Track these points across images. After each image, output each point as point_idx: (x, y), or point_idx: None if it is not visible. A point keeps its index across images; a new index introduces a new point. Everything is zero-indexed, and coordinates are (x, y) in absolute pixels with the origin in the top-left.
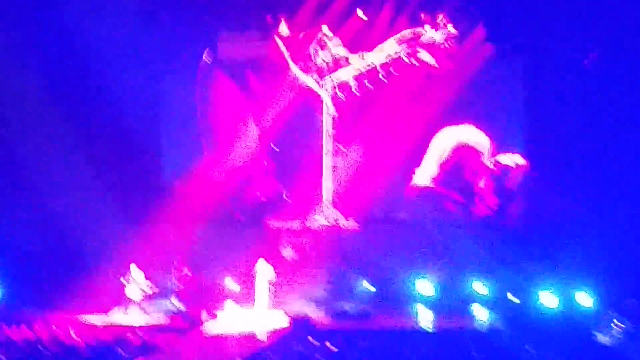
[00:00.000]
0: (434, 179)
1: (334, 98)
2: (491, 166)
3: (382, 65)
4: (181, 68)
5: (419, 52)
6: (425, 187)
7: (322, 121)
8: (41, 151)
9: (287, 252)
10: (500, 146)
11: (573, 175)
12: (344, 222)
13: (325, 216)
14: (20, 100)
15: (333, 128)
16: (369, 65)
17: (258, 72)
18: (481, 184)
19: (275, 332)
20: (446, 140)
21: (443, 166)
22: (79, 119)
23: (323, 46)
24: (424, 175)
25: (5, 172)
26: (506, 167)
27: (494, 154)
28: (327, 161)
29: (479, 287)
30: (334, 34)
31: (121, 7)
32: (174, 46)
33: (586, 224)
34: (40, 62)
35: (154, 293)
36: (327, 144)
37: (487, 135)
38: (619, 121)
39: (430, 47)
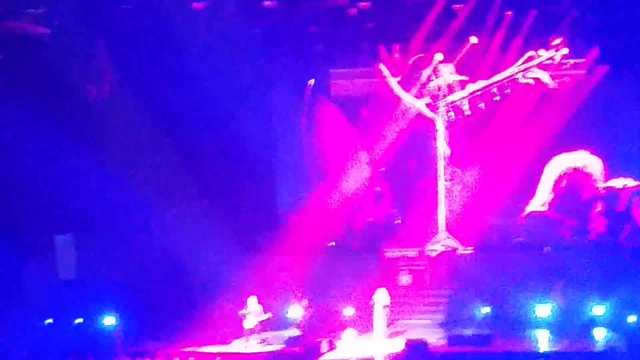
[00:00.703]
0: (549, 205)
1: (448, 123)
2: (602, 190)
3: (498, 87)
4: (295, 102)
5: (534, 71)
6: (540, 213)
7: (436, 147)
8: (160, 184)
9: (405, 279)
10: (612, 170)
11: None
12: (460, 249)
13: (442, 244)
14: (140, 131)
15: (448, 153)
16: (483, 89)
17: (368, 104)
18: (598, 208)
19: (394, 359)
20: (560, 166)
21: (557, 192)
22: (197, 152)
23: (437, 72)
24: (539, 201)
25: (125, 205)
26: (617, 190)
27: (606, 178)
28: (442, 187)
29: (598, 309)
30: (447, 60)
31: (240, 38)
32: (289, 78)
33: None
34: (161, 97)
35: (275, 324)
36: (442, 170)
37: (600, 159)
38: None
39: (546, 67)
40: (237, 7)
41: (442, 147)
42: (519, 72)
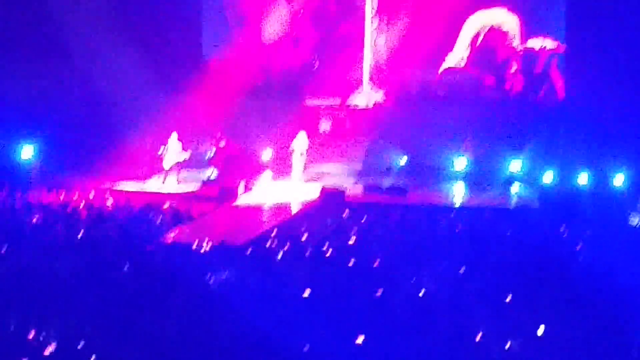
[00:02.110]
0: (466, 61)
1: None
2: (520, 50)
3: None
4: None
5: None
6: (458, 68)
7: None
8: (83, 19)
9: (325, 126)
10: (533, 29)
11: (611, 60)
12: (382, 101)
13: (365, 97)
14: None
15: (376, 3)
16: None
17: None
18: (513, 67)
19: (309, 205)
20: (476, 23)
21: (474, 49)
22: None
23: None
24: (456, 57)
25: (48, 35)
26: (536, 51)
27: (525, 38)
28: (368, 37)
29: (515, 165)
30: None
31: None
32: None
33: (624, 106)
34: None
35: (191, 163)
36: (368, 20)
37: (517, 17)
38: None
39: None
40: None
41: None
42: None
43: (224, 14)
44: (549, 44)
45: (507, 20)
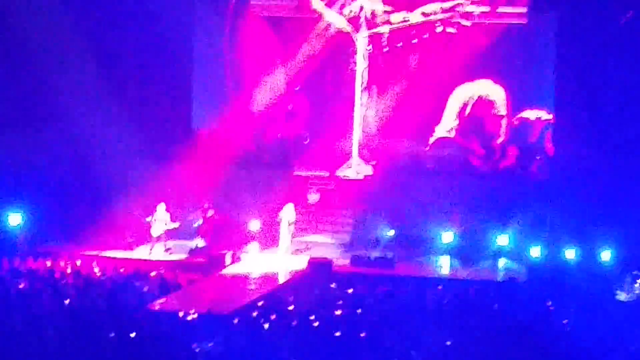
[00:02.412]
0: (455, 132)
1: (367, 53)
2: (515, 121)
3: (416, 30)
4: (213, 17)
5: (457, 19)
6: (448, 139)
7: (354, 70)
8: (75, 86)
9: (313, 198)
10: (526, 102)
11: (601, 132)
12: (371, 174)
13: (354, 169)
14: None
15: (365, 78)
16: (404, 21)
17: (288, 23)
18: (500, 138)
19: (296, 276)
20: (463, 94)
21: (462, 119)
22: (115, 59)
23: None
24: (445, 127)
25: (36, 102)
26: (530, 122)
27: (518, 110)
28: (357, 111)
29: (502, 239)
30: None
31: None
32: None
33: (612, 182)
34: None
35: (179, 233)
36: (358, 94)
37: (503, 88)
38: None
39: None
40: None
41: (361, 69)
42: (444, 18)
43: (215, 84)
44: (543, 115)
45: (492, 90)
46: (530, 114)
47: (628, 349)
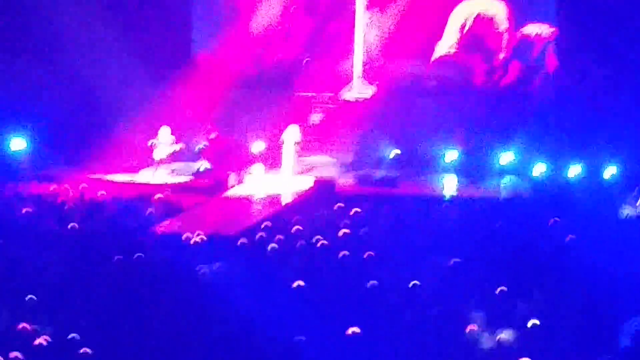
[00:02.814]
0: (457, 49)
1: None
2: (507, 34)
3: None
4: None
5: None
6: (449, 55)
7: None
8: (72, 12)
9: (316, 119)
10: (528, 16)
11: (607, 46)
12: (373, 94)
13: (357, 91)
14: None
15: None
16: None
17: None
18: (501, 55)
19: (300, 196)
20: (463, 9)
21: (463, 36)
22: None
23: None
24: (446, 44)
25: (35, 29)
26: (531, 38)
27: (515, 24)
28: (359, 30)
29: (506, 156)
30: None
31: None
32: None
33: (618, 98)
34: None
35: (182, 155)
36: (359, 12)
37: (503, 2)
38: None
39: None
40: None
41: None
42: None
43: (214, 8)
44: (544, 30)
45: (492, 6)
46: (532, 29)
47: (632, 265)
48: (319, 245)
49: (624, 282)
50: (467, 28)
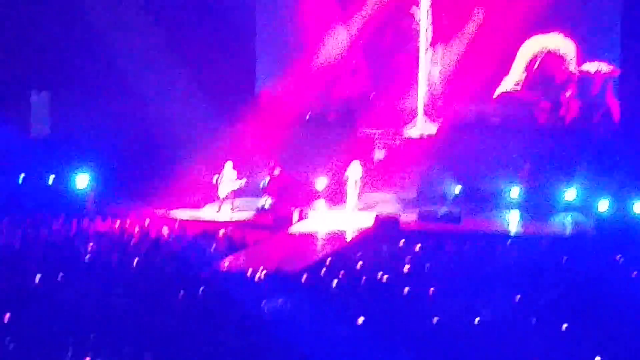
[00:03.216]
0: (522, 85)
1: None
2: (576, 73)
3: None
4: None
5: None
6: (513, 93)
7: (417, 27)
8: (140, 50)
9: (379, 155)
10: (588, 54)
11: None
12: (436, 132)
13: (420, 127)
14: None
15: (430, 34)
16: None
17: None
18: (569, 92)
19: (364, 233)
20: (533, 47)
21: (530, 73)
22: (177, 20)
23: None
24: (512, 81)
25: (102, 66)
26: (591, 75)
27: (580, 62)
28: (422, 68)
29: (570, 193)
30: None
31: None
32: None
33: None
34: None
35: (246, 191)
36: (423, 49)
37: (574, 42)
38: None
39: None
40: None
41: (425, 26)
42: None
43: (279, 43)
44: (604, 67)
45: (564, 45)
46: (591, 67)
47: None
48: (383, 281)
49: None
50: (536, 65)
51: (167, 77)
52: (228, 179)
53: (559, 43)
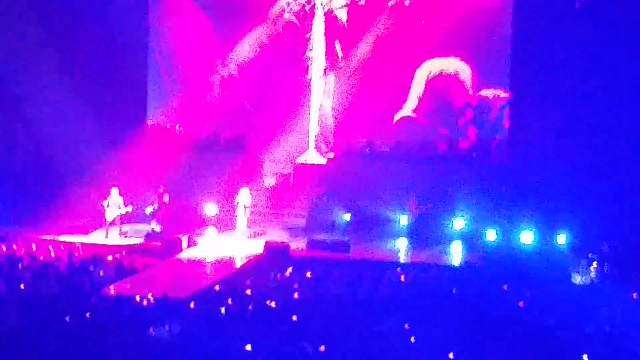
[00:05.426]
0: (420, 111)
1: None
2: (474, 98)
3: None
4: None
5: None
6: (411, 118)
7: (309, 58)
8: (29, 75)
9: (269, 181)
10: (485, 81)
11: (560, 114)
12: (329, 160)
13: (312, 155)
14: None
15: (324, 63)
16: None
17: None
18: (465, 117)
19: (253, 259)
20: (431, 70)
21: (427, 98)
22: (69, 51)
23: None
24: (410, 106)
25: None
26: (488, 101)
27: (477, 89)
28: (314, 101)
29: (458, 223)
30: None
31: None
32: None
33: (568, 165)
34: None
35: (135, 216)
36: (315, 81)
37: (470, 66)
38: (614, 65)
39: None
40: None
41: (317, 54)
42: None
43: (169, 74)
44: (501, 93)
45: (461, 69)
46: (489, 93)
47: (583, 331)
48: (271, 307)
49: (575, 346)
50: (432, 89)
51: (58, 102)
52: (114, 204)
53: (457, 67)
